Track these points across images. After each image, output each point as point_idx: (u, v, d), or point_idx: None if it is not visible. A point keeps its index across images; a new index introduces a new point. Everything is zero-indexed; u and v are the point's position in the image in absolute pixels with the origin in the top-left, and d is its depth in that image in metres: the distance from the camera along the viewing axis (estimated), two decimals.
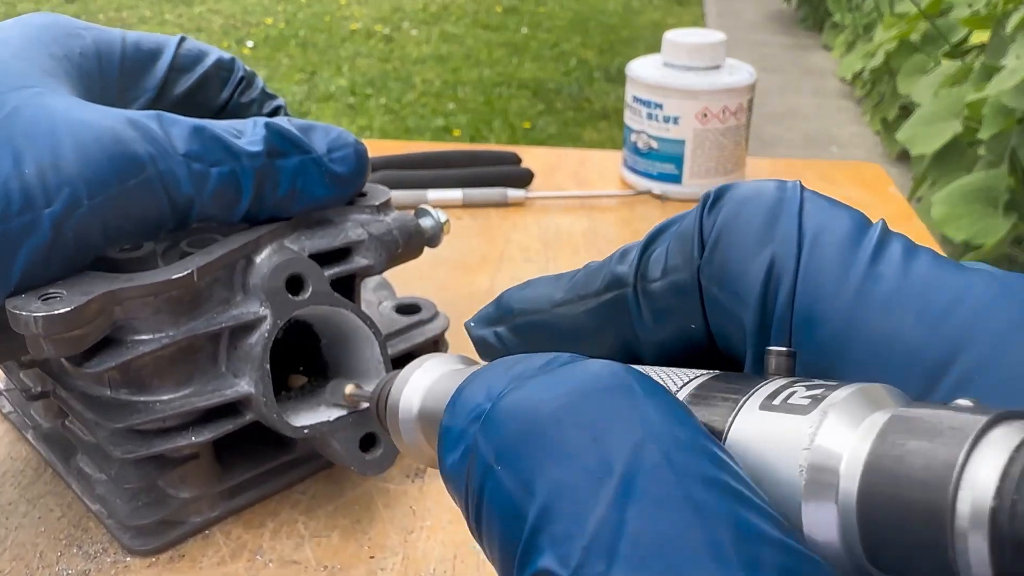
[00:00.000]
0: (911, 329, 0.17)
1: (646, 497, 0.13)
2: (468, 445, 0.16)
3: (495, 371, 0.17)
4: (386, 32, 3.89)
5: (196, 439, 0.33)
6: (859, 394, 0.14)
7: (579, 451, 0.14)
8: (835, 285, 0.18)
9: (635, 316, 0.20)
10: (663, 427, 0.14)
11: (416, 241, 0.39)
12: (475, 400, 0.17)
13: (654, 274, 0.20)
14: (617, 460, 0.14)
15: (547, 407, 0.15)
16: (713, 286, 0.19)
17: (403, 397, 0.23)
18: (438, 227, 0.39)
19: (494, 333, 0.23)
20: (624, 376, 0.15)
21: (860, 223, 0.18)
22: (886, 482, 0.13)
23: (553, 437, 0.15)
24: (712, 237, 0.19)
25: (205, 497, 0.36)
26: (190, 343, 0.33)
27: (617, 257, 0.21)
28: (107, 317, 0.30)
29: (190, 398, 0.33)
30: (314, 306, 0.34)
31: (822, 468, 0.14)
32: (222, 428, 0.34)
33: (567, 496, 0.14)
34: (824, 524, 0.14)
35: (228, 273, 0.33)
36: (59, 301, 0.29)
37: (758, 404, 0.15)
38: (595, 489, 0.13)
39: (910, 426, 0.13)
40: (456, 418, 0.17)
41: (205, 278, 0.32)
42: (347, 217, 0.37)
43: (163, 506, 0.35)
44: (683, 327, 0.20)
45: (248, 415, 0.34)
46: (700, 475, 0.13)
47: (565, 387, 0.15)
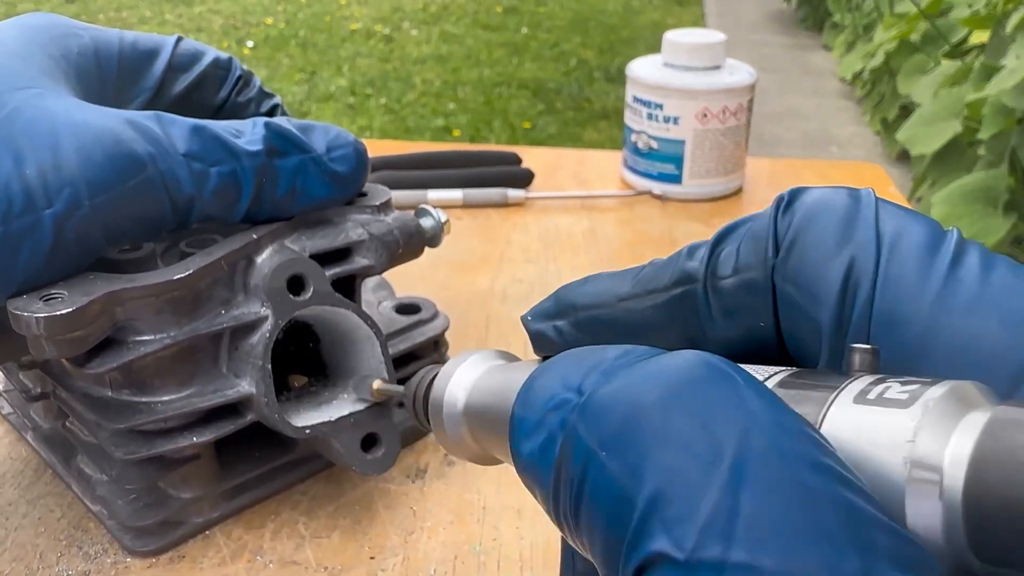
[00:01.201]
0: (994, 333, 0.17)
1: (758, 481, 0.13)
2: (550, 434, 0.17)
3: (566, 363, 0.18)
4: (386, 32, 3.89)
5: (197, 440, 0.33)
6: (955, 391, 0.15)
7: (688, 437, 0.14)
8: (916, 288, 0.18)
9: (703, 313, 0.21)
10: (766, 415, 0.14)
11: (416, 241, 0.38)
12: (552, 390, 0.17)
13: (724, 271, 0.20)
14: (726, 446, 0.14)
15: (651, 395, 0.15)
16: (788, 286, 0.19)
17: (448, 392, 0.23)
18: (438, 227, 0.39)
19: (553, 327, 0.23)
20: (723, 366, 0.15)
21: (936, 230, 0.19)
22: (997, 477, 0.13)
23: (660, 424, 0.15)
24: (788, 238, 0.20)
25: (206, 498, 0.36)
26: (191, 343, 0.33)
27: (686, 254, 0.21)
28: (108, 318, 0.30)
29: (191, 399, 0.33)
30: (315, 306, 0.34)
31: (926, 462, 0.14)
32: (223, 429, 0.34)
33: (679, 481, 0.14)
34: (927, 517, 0.14)
35: (229, 274, 0.33)
36: (61, 302, 0.29)
37: (851, 398, 0.16)
38: (707, 474, 0.14)
39: (1013, 425, 0.14)
40: (531, 408, 0.17)
41: (206, 278, 0.32)
42: (347, 217, 0.37)
43: (164, 507, 0.35)
44: (752, 326, 0.20)
45: (249, 415, 0.34)
46: (808, 460, 0.14)
47: (667, 376, 0.15)
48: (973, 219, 1.67)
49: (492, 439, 0.22)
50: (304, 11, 4.23)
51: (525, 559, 0.35)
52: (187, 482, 0.35)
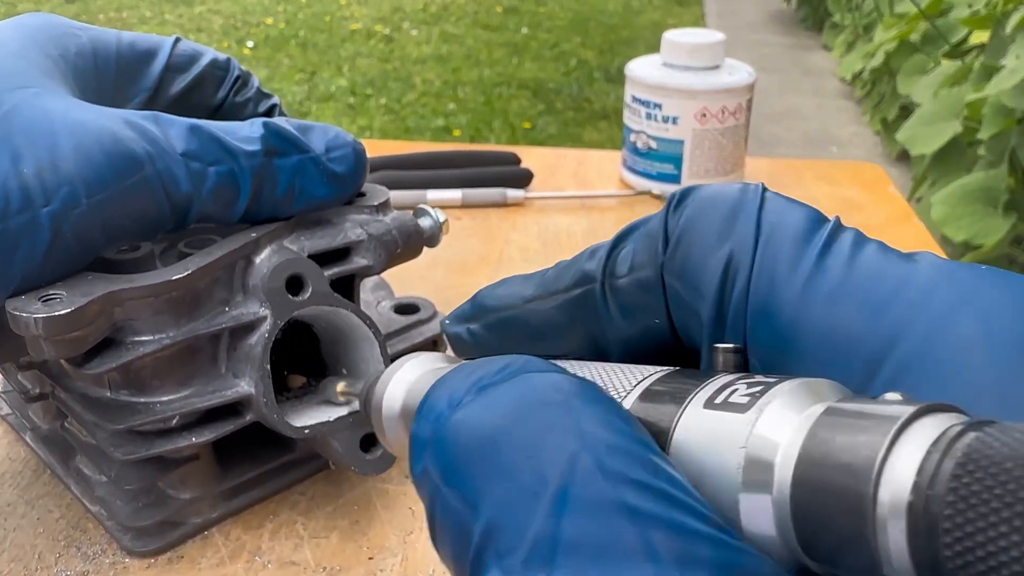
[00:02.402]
0: (853, 320, 0.17)
1: (580, 505, 0.14)
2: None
3: (458, 376, 0.18)
4: (386, 32, 3.89)
5: (196, 440, 0.33)
6: (797, 390, 0.15)
7: (517, 467, 0.15)
8: (785, 278, 0.18)
9: (602, 312, 0.21)
10: (598, 436, 0.15)
11: (415, 241, 0.38)
12: (438, 408, 0.17)
13: (621, 271, 0.21)
14: (552, 473, 0.14)
15: (487, 426, 0.16)
16: (675, 281, 0.20)
17: (387, 395, 0.23)
18: (437, 227, 0.39)
19: (467, 330, 0.24)
20: (565, 388, 0.16)
21: (815, 219, 0.19)
22: (814, 474, 0.14)
23: (493, 455, 0.15)
24: (676, 235, 0.20)
25: (205, 498, 0.36)
26: (190, 344, 0.33)
27: (587, 255, 0.22)
28: (107, 318, 0.30)
29: (190, 399, 0.33)
30: (314, 306, 0.34)
31: (757, 462, 0.14)
32: (222, 429, 0.34)
33: (508, 512, 0.14)
34: (760, 516, 0.14)
35: (228, 274, 0.33)
36: (59, 302, 0.29)
37: (702, 403, 0.16)
38: (532, 503, 0.14)
39: (839, 420, 0.14)
40: (422, 425, 0.17)
41: (205, 279, 0.32)
42: (346, 217, 0.37)
43: (163, 507, 0.35)
44: (648, 323, 0.21)
45: (248, 415, 0.34)
46: (633, 480, 0.14)
47: (505, 404, 0.16)
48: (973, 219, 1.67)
49: None
50: (304, 11, 4.23)
51: None
52: (186, 482, 0.35)
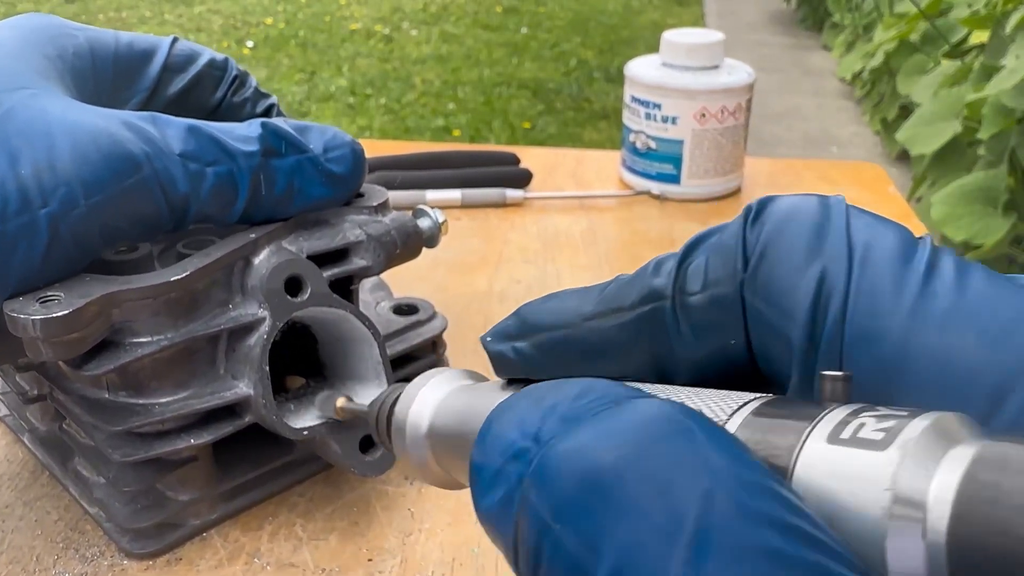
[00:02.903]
0: (972, 348, 0.16)
1: (722, 551, 0.13)
2: (508, 491, 0.16)
3: (526, 404, 0.17)
4: (386, 32, 3.89)
5: (195, 441, 0.33)
6: (935, 427, 0.14)
7: (647, 506, 0.14)
8: (889, 302, 0.17)
9: (672, 331, 0.20)
10: (729, 472, 0.14)
11: (414, 242, 0.38)
12: (509, 437, 0.16)
13: (693, 287, 0.19)
14: (687, 513, 0.13)
15: (605, 460, 0.14)
16: (758, 301, 0.19)
17: (411, 413, 0.22)
18: (436, 227, 0.39)
19: (513, 348, 0.22)
20: (681, 419, 0.15)
21: (908, 239, 0.18)
22: (982, 516, 0.13)
23: (616, 493, 0.14)
24: (757, 251, 0.19)
25: (204, 499, 0.36)
26: (188, 345, 0.32)
27: (652, 269, 0.20)
28: (105, 320, 0.30)
29: (189, 400, 0.33)
30: (313, 307, 0.34)
31: (907, 508, 0.13)
32: (221, 430, 0.34)
33: (638, 556, 0.13)
34: (910, 558, 0.13)
35: (226, 275, 0.33)
36: (57, 304, 0.29)
37: (824, 437, 0.15)
38: (668, 546, 0.13)
39: (1000, 463, 0.13)
40: (489, 455, 0.16)
41: (203, 280, 0.32)
42: (345, 218, 0.37)
43: (161, 509, 0.35)
44: (722, 344, 0.19)
45: (247, 417, 0.34)
46: (775, 521, 0.13)
47: (622, 436, 0.15)
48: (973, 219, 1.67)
49: (456, 464, 0.21)
50: (304, 11, 4.23)
51: None
52: (185, 484, 0.35)
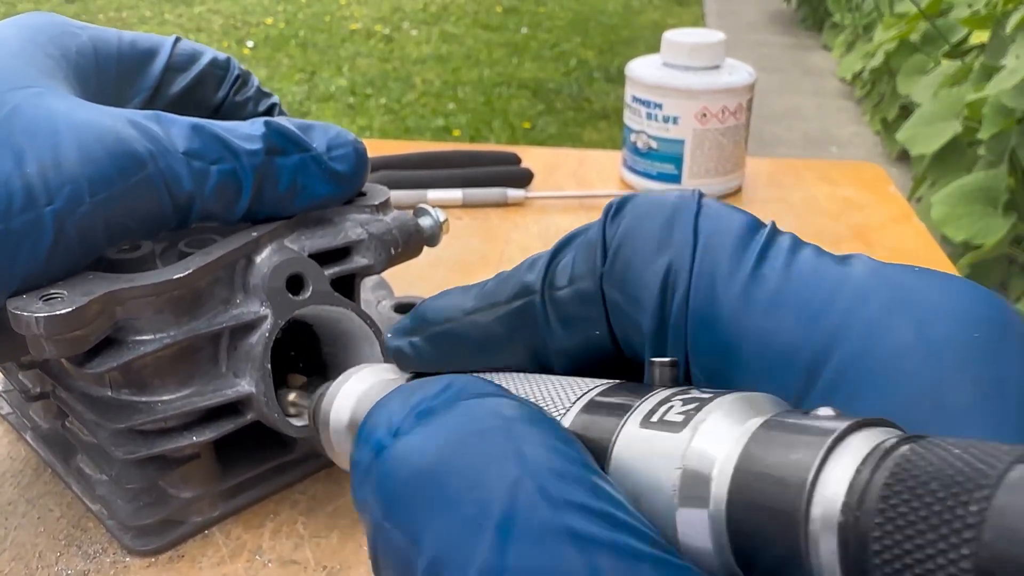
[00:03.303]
0: (790, 328, 0.17)
1: (525, 534, 0.13)
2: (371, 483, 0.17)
3: (397, 399, 0.17)
4: (386, 32, 3.89)
5: (197, 439, 0.33)
6: (731, 406, 0.15)
7: (458, 499, 0.14)
8: (723, 288, 0.18)
9: (542, 324, 0.21)
10: (540, 461, 0.15)
11: (415, 240, 0.39)
12: (378, 435, 0.17)
13: (560, 282, 0.21)
14: (494, 503, 0.14)
15: (427, 457, 0.15)
16: (615, 292, 0.20)
17: (335, 407, 0.22)
18: (437, 226, 0.39)
19: (409, 343, 0.23)
20: (505, 413, 0.16)
21: (751, 224, 0.19)
22: (749, 489, 0.14)
23: (434, 488, 0.15)
24: (614, 245, 0.20)
25: (206, 497, 0.36)
26: (191, 343, 0.33)
27: (526, 266, 0.22)
28: (108, 317, 0.30)
29: (191, 398, 0.33)
30: (314, 306, 0.34)
31: (693, 479, 0.15)
32: (223, 428, 0.34)
33: (451, 546, 0.14)
34: (697, 532, 0.14)
35: (228, 273, 0.33)
36: (60, 302, 0.29)
37: (638, 422, 0.16)
38: (476, 535, 0.14)
39: (772, 435, 0.14)
40: (362, 451, 0.17)
41: (206, 278, 0.32)
42: (346, 217, 0.37)
43: (164, 506, 0.35)
44: (589, 334, 0.20)
45: (249, 415, 0.34)
46: (576, 504, 0.14)
47: (445, 434, 0.16)
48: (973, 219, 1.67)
49: None
50: (304, 11, 4.23)
51: None
52: (187, 481, 0.35)
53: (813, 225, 0.64)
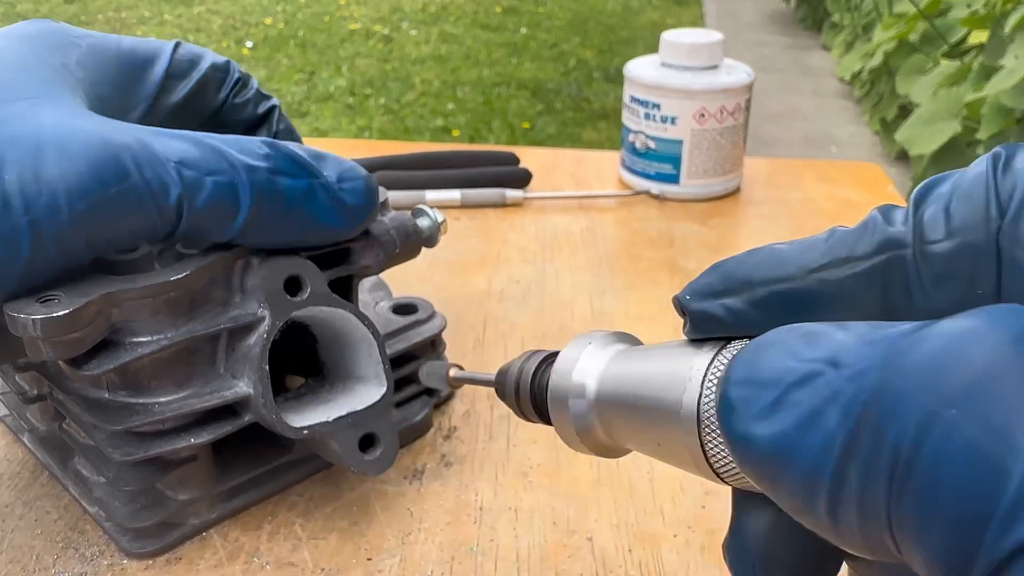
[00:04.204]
0: None
1: None
2: (810, 410, 0.16)
3: (788, 340, 0.17)
4: (385, 32, 3.89)
5: (195, 441, 0.33)
6: None
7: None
8: None
9: (913, 280, 0.19)
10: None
11: (414, 242, 0.38)
12: (785, 367, 0.17)
13: (934, 235, 0.19)
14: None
15: (1002, 349, 0.14)
16: (1018, 248, 0.18)
17: (573, 381, 0.23)
18: (435, 227, 0.39)
19: (723, 306, 0.21)
20: None
21: None
22: None
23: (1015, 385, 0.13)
24: (1017, 198, 0.18)
25: (203, 499, 0.36)
26: (188, 345, 0.32)
27: (881, 219, 0.20)
28: (105, 319, 0.30)
29: (188, 399, 0.33)
30: (312, 307, 0.34)
31: None
32: (221, 430, 0.34)
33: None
34: None
35: (226, 274, 0.33)
36: (57, 303, 0.29)
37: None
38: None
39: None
40: (757, 388, 0.17)
41: (203, 279, 0.32)
42: None
43: (161, 508, 0.35)
44: (967, 293, 0.19)
45: (247, 416, 0.34)
46: None
47: (1001, 332, 0.14)
48: None
49: (631, 429, 0.22)
50: (303, 11, 4.23)
51: (522, 559, 0.35)
52: (184, 483, 0.35)
53: (812, 225, 0.63)
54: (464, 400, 0.44)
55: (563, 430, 0.24)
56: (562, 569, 0.35)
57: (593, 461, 0.40)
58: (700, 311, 0.21)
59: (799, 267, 0.20)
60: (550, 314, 0.52)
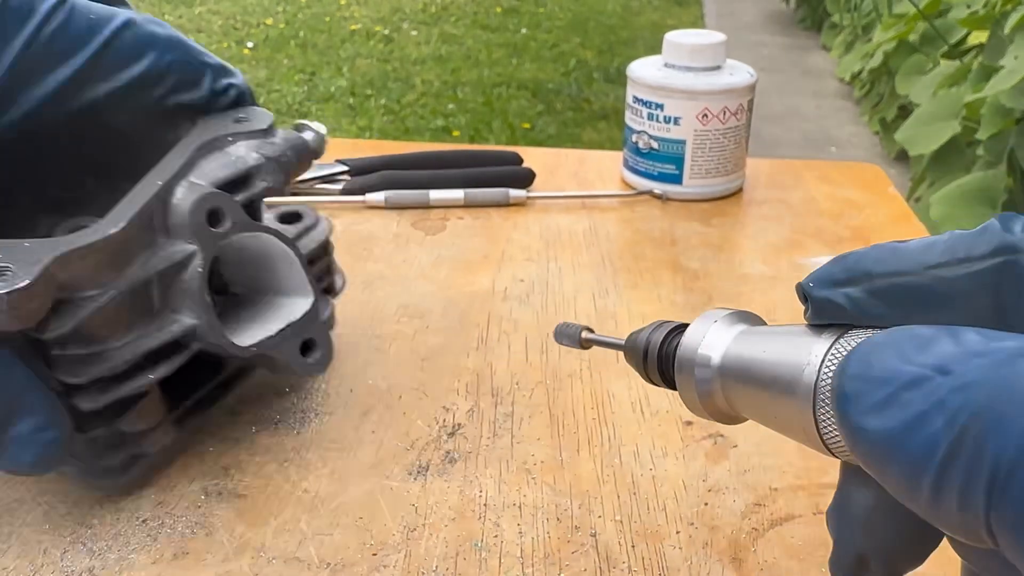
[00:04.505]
0: None
1: None
2: (920, 411, 0.17)
3: (900, 343, 0.19)
4: (386, 33, 3.89)
5: (154, 376, 0.35)
6: None
7: None
8: None
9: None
10: None
11: (306, 156, 0.41)
12: (897, 368, 0.18)
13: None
14: None
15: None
16: None
17: (699, 352, 0.25)
18: (320, 139, 0.41)
19: (845, 295, 0.23)
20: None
21: None
22: None
23: None
24: None
25: (160, 427, 0.38)
26: (130, 289, 0.34)
27: (999, 226, 0.21)
28: (54, 281, 0.31)
29: (139, 341, 0.34)
30: (236, 234, 0.36)
31: None
32: (175, 362, 0.36)
33: None
34: None
35: (146, 219, 0.34)
36: (15, 275, 0.29)
37: None
38: None
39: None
40: (872, 384, 0.18)
41: (134, 227, 0.34)
42: (238, 145, 0.38)
43: (125, 445, 0.37)
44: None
45: (194, 345, 0.36)
46: None
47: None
48: (971, 219, 1.67)
49: (752, 399, 0.24)
50: (304, 12, 4.23)
51: (526, 555, 0.35)
52: (141, 417, 0.37)
53: (813, 226, 0.64)
54: (468, 398, 0.44)
55: (686, 394, 0.26)
56: (566, 565, 0.35)
57: (596, 458, 0.41)
58: (823, 298, 0.23)
59: (918, 263, 0.21)
60: (553, 313, 0.52)
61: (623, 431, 0.42)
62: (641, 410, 0.44)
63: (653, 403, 0.44)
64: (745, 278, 0.56)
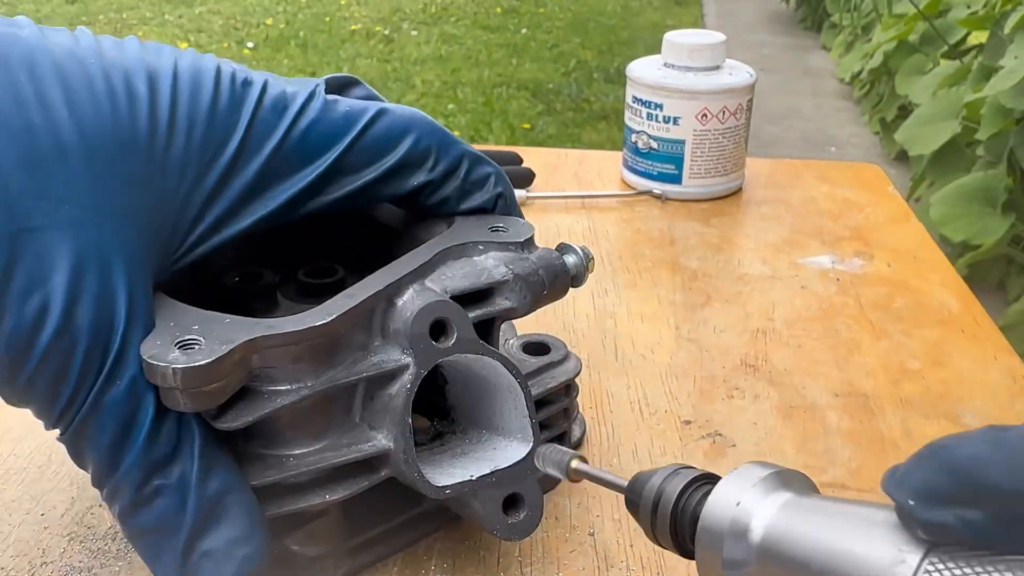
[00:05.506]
0: None
1: None
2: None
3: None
4: (386, 33, 3.90)
5: (331, 497, 0.30)
6: None
7: None
8: None
9: None
10: None
11: (562, 281, 0.35)
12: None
13: None
14: None
15: None
16: None
17: (733, 521, 0.20)
18: (582, 265, 0.36)
19: (962, 520, 0.17)
20: None
21: None
22: None
23: None
24: None
25: (331, 555, 0.33)
26: (327, 393, 0.30)
27: None
28: (245, 367, 0.28)
29: (325, 453, 0.30)
30: (458, 354, 0.31)
31: None
32: (357, 485, 0.31)
33: None
34: None
35: (367, 317, 0.30)
36: (199, 350, 0.26)
37: None
38: None
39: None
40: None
41: (347, 323, 0.30)
42: (488, 255, 0.34)
43: (288, 565, 0.32)
44: None
45: (384, 471, 0.31)
46: None
47: None
48: (971, 219, 1.67)
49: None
50: (304, 12, 4.23)
51: (524, 553, 0.35)
52: (313, 539, 0.32)
53: (812, 225, 0.64)
54: None
55: (708, 571, 0.21)
56: (564, 564, 0.35)
57: (594, 457, 0.41)
58: (936, 523, 0.17)
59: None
60: (552, 312, 0.52)
61: (622, 430, 0.42)
62: (640, 409, 0.44)
63: (652, 402, 0.44)
64: (744, 278, 0.56)
